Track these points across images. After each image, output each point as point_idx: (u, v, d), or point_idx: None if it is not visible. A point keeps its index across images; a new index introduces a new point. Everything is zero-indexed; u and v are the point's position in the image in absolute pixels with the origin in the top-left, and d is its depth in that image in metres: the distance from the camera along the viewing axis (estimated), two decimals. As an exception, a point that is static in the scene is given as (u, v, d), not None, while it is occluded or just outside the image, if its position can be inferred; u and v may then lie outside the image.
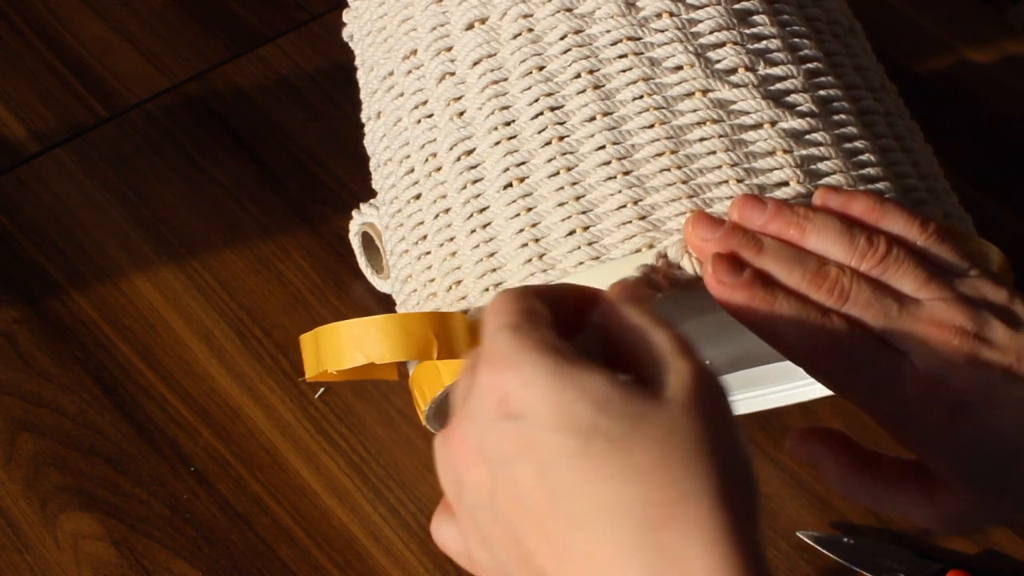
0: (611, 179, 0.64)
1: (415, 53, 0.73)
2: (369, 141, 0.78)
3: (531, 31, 0.68)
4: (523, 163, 0.67)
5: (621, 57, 0.66)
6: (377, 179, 0.77)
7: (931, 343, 0.58)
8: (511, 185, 0.66)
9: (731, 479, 0.49)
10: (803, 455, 0.65)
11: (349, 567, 0.83)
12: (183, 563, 0.83)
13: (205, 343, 0.93)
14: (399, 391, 0.91)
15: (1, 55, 1.10)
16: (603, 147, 0.65)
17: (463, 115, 0.69)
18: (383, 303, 0.95)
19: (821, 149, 0.65)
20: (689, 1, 0.67)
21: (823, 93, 0.67)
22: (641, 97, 0.65)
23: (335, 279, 0.97)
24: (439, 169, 0.70)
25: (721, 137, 0.64)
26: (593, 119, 0.66)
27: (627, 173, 0.64)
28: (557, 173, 0.65)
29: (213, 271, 0.97)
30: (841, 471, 0.64)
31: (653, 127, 0.65)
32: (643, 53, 0.66)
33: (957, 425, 0.57)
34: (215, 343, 0.93)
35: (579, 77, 0.66)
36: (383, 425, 0.89)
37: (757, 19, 0.68)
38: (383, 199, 0.76)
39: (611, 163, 0.65)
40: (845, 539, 0.84)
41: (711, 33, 0.67)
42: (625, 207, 0.64)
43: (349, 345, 0.61)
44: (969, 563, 0.84)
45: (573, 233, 0.64)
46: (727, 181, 0.63)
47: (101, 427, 0.89)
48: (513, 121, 0.67)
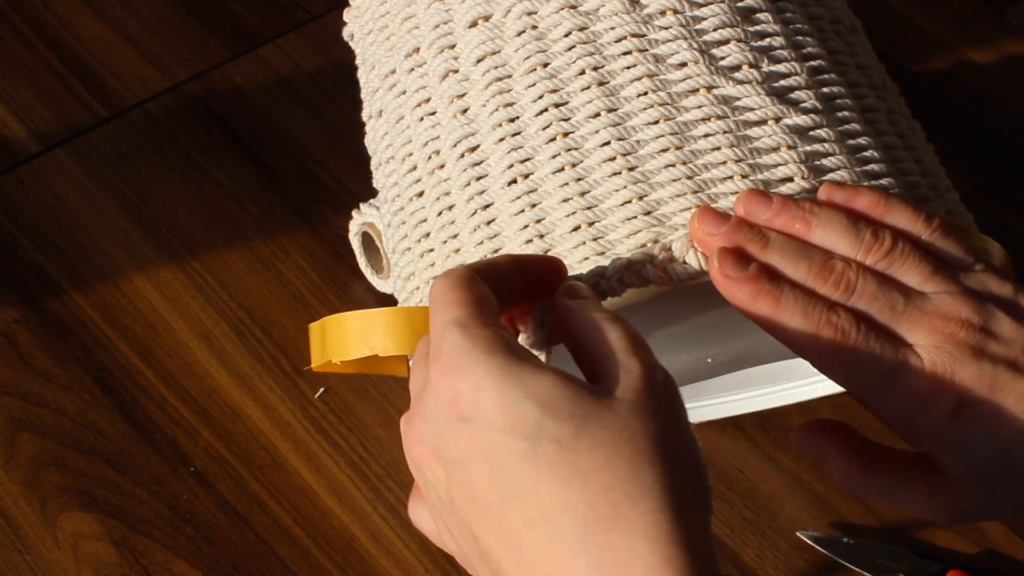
0: (616, 175, 0.64)
1: (418, 51, 0.73)
2: (370, 140, 0.78)
3: (535, 28, 0.68)
4: (527, 159, 0.67)
5: (625, 54, 0.66)
6: (378, 177, 0.77)
7: (937, 336, 0.58)
8: (515, 181, 0.66)
9: (677, 479, 0.50)
10: (807, 448, 0.65)
11: (349, 567, 0.83)
12: (183, 563, 0.83)
13: (205, 343, 0.93)
14: (399, 391, 0.91)
15: (1, 55, 1.11)
16: (608, 143, 0.65)
17: (466, 112, 0.69)
18: (383, 303, 0.95)
19: (825, 145, 0.65)
20: (693, -1, 0.67)
21: (826, 90, 0.67)
22: (646, 93, 0.65)
23: (335, 279, 0.97)
24: (442, 166, 0.70)
25: (726, 133, 0.64)
26: (597, 115, 0.66)
27: (632, 169, 0.64)
28: (562, 169, 0.65)
29: (213, 271, 0.97)
30: (845, 464, 0.64)
31: (658, 123, 0.65)
32: (647, 50, 0.66)
33: (963, 418, 0.57)
34: (215, 343, 0.93)
35: (583, 74, 0.66)
36: (383, 425, 0.89)
37: (760, 17, 0.68)
38: (385, 197, 0.76)
39: (616, 159, 0.65)
40: (845, 539, 0.84)
41: (715, 30, 0.67)
42: (630, 202, 0.64)
43: (355, 337, 0.61)
44: (969, 563, 0.84)
45: (578, 229, 0.64)
46: (732, 177, 0.63)
47: (101, 427, 0.89)
48: (517, 118, 0.67)
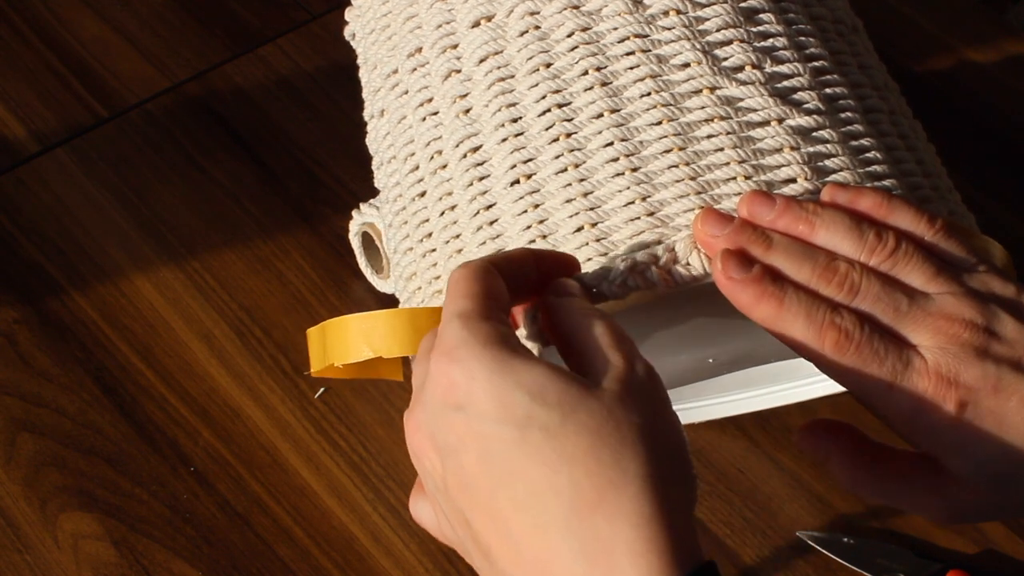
0: (619, 175, 0.64)
1: (420, 51, 0.73)
2: (372, 139, 0.78)
3: (538, 28, 0.68)
4: (530, 160, 0.67)
5: (628, 54, 0.66)
6: (380, 177, 0.77)
7: (941, 336, 0.58)
8: (518, 182, 0.66)
9: (660, 466, 0.52)
10: (810, 449, 0.65)
11: (349, 567, 0.83)
12: (183, 563, 0.83)
13: (205, 343, 0.93)
14: (399, 391, 0.91)
15: (1, 55, 1.10)
16: (611, 144, 0.65)
17: (469, 112, 0.69)
18: (383, 303, 0.95)
19: (828, 146, 0.65)
20: (696, -1, 0.68)
21: (829, 91, 0.67)
22: (649, 94, 0.65)
23: (335, 279, 0.97)
24: (445, 167, 0.70)
25: (729, 134, 0.64)
26: (600, 116, 0.66)
27: (635, 170, 0.64)
28: (565, 170, 0.65)
29: (213, 271, 0.97)
30: (848, 464, 0.64)
31: (661, 124, 0.65)
32: (650, 50, 0.66)
33: (966, 419, 0.57)
34: (215, 343, 0.93)
35: (586, 74, 0.67)
36: (383, 425, 0.89)
37: (763, 17, 0.68)
38: (386, 197, 0.76)
39: (619, 159, 0.65)
40: (845, 539, 0.84)
41: (718, 31, 0.67)
42: (633, 203, 0.64)
43: (356, 338, 0.61)
44: (969, 563, 0.84)
45: (581, 230, 0.64)
46: (735, 178, 0.63)
47: (101, 427, 0.89)
48: (520, 118, 0.67)
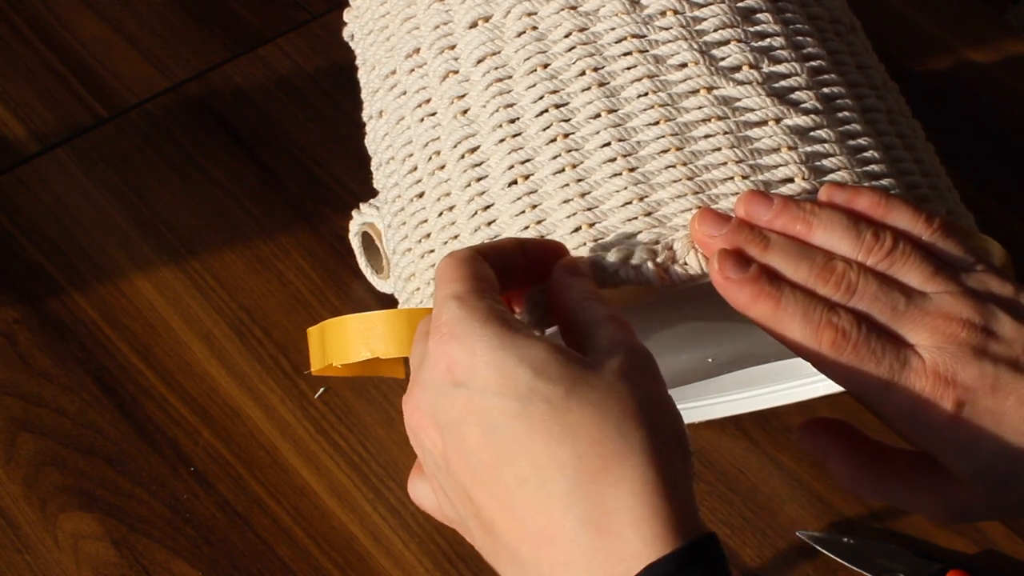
0: (616, 176, 0.64)
1: (418, 51, 0.73)
2: (370, 140, 0.78)
3: (535, 29, 0.68)
4: (528, 160, 0.67)
5: (626, 55, 0.66)
6: (379, 178, 0.77)
7: (939, 336, 0.58)
8: (516, 182, 0.66)
9: (662, 440, 0.52)
10: (809, 447, 0.65)
11: (349, 567, 0.83)
12: (183, 563, 0.83)
13: (205, 343, 0.93)
14: (399, 391, 0.91)
15: (1, 55, 1.10)
16: (608, 144, 0.65)
17: (467, 113, 0.69)
18: (383, 303, 0.95)
19: (825, 146, 0.65)
20: (693, -1, 0.67)
21: (827, 91, 0.67)
22: (646, 94, 0.65)
23: (335, 279, 0.97)
24: (443, 167, 0.70)
25: (726, 134, 0.64)
26: (598, 116, 0.66)
27: (632, 170, 0.64)
28: (562, 170, 0.65)
29: (213, 271, 0.97)
30: (847, 464, 0.64)
31: (658, 124, 0.65)
32: (648, 51, 0.66)
33: (964, 418, 0.57)
34: (215, 343, 0.93)
35: (584, 75, 0.67)
36: (383, 425, 0.89)
37: (761, 17, 0.68)
38: (385, 198, 0.76)
39: (616, 160, 0.65)
40: (845, 539, 0.84)
41: (715, 31, 0.67)
42: (631, 203, 0.64)
43: (355, 339, 0.62)
44: (969, 563, 0.84)
45: (579, 230, 0.64)
46: (732, 177, 0.63)
47: (101, 427, 0.89)
48: (517, 119, 0.67)
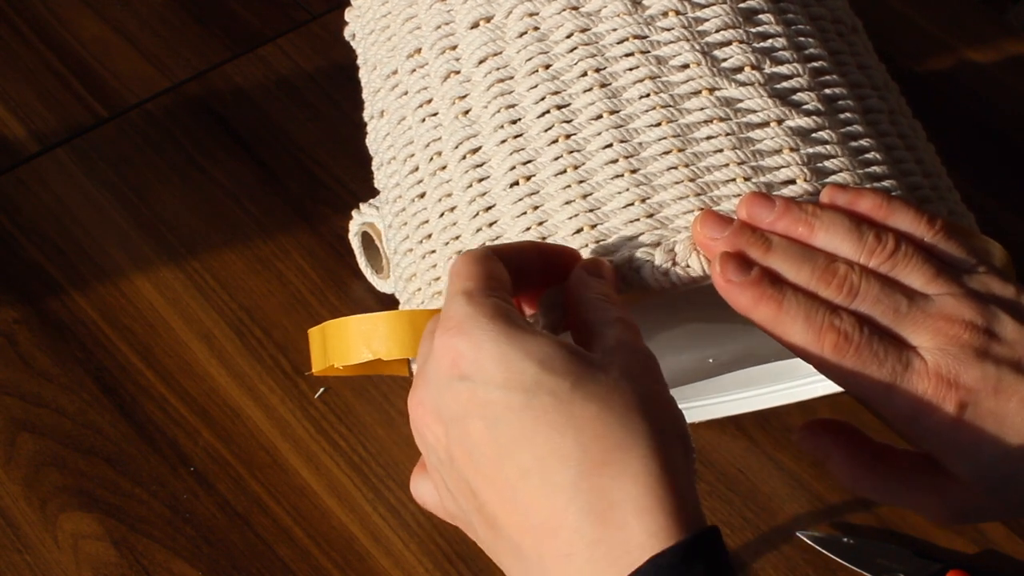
0: (618, 177, 0.64)
1: (419, 51, 0.72)
2: (371, 140, 0.78)
3: (537, 29, 0.68)
4: (529, 161, 0.67)
5: (628, 55, 0.66)
6: (380, 178, 0.77)
7: (941, 338, 0.58)
8: (517, 183, 0.66)
9: (665, 434, 0.52)
10: (810, 448, 0.65)
11: (349, 567, 0.83)
12: (183, 563, 0.83)
13: (205, 343, 0.93)
14: (399, 391, 0.91)
15: (1, 55, 1.10)
16: (610, 145, 0.65)
17: (468, 113, 0.69)
18: (383, 303, 0.95)
19: (827, 147, 0.65)
20: (695, 0, 0.67)
21: (828, 91, 0.67)
22: (648, 95, 0.65)
23: (335, 279, 0.97)
24: (444, 168, 0.70)
25: (728, 135, 0.64)
26: (600, 117, 0.66)
27: (634, 171, 0.64)
28: (564, 171, 0.65)
29: (213, 271, 0.97)
30: (848, 463, 0.64)
31: (660, 125, 0.65)
32: (649, 51, 0.66)
33: (967, 420, 0.57)
34: (215, 343, 0.93)
35: (585, 75, 0.66)
36: (383, 425, 0.89)
37: (763, 18, 0.68)
38: (386, 198, 0.76)
39: (618, 161, 0.65)
40: (845, 539, 0.84)
41: (717, 32, 0.67)
42: (632, 205, 0.64)
43: (356, 340, 0.62)
44: (969, 563, 0.84)
45: (581, 231, 0.64)
46: (734, 179, 0.63)
47: (101, 427, 0.89)
48: (519, 119, 0.67)
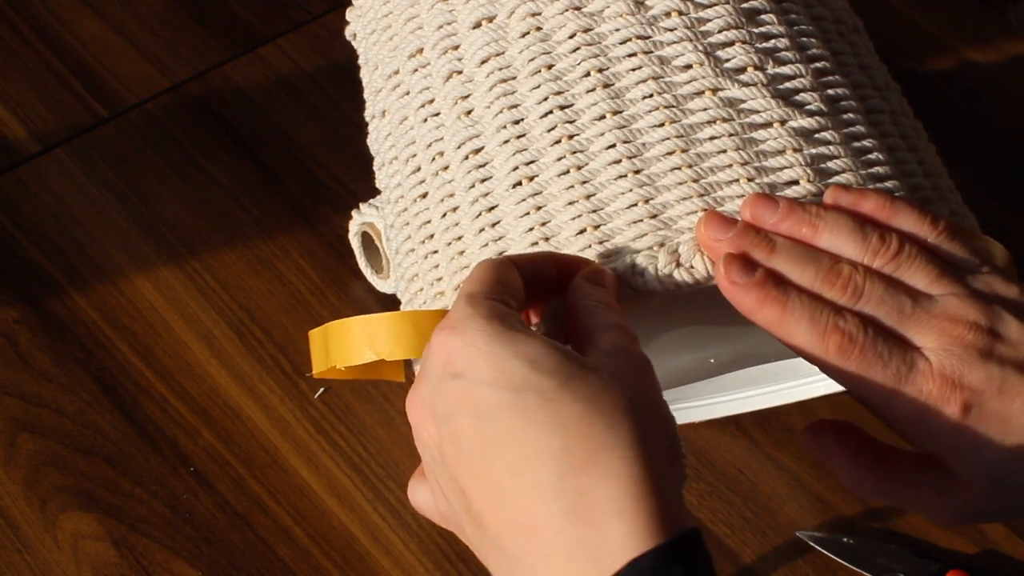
0: (621, 178, 0.64)
1: (421, 51, 0.72)
2: (373, 140, 0.78)
3: (539, 29, 0.68)
4: (532, 161, 0.66)
5: (630, 56, 0.66)
6: (381, 178, 0.77)
7: (945, 338, 0.58)
8: (520, 184, 0.66)
9: (652, 438, 0.53)
10: (814, 450, 0.65)
11: (349, 567, 0.83)
12: (183, 563, 0.83)
13: (205, 343, 0.93)
14: (399, 391, 0.91)
15: (1, 55, 1.10)
16: (613, 146, 0.65)
17: (471, 114, 0.69)
18: (383, 303, 0.95)
19: (830, 148, 0.65)
20: (698, 0, 0.67)
21: (831, 92, 0.67)
22: (651, 96, 0.65)
23: (335, 279, 0.97)
24: (446, 168, 0.70)
25: (731, 136, 0.64)
26: (603, 118, 0.66)
27: (637, 172, 0.64)
28: (567, 172, 0.65)
29: (213, 271, 0.97)
30: (851, 464, 0.64)
31: (663, 126, 0.65)
32: (652, 52, 0.66)
33: (971, 420, 0.57)
34: (215, 343, 0.93)
35: (588, 76, 0.66)
36: (383, 425, 0.89)
37: (765, 18, 0.68)
38: (387, 198, 0.76)
39: (621, 162, 0.65)
40: (845, 539, 0.84)
41: (720, 32, 0.66)
42: (636, 205, 0.64)
43: (359, 341, 0.61)
44: (969, 563, 0.84)
45: (584, 232, 0.64)
46: (738, 180, 0.63)
47: (101, 427, 0.89)
48: (522, 120, 0.67)
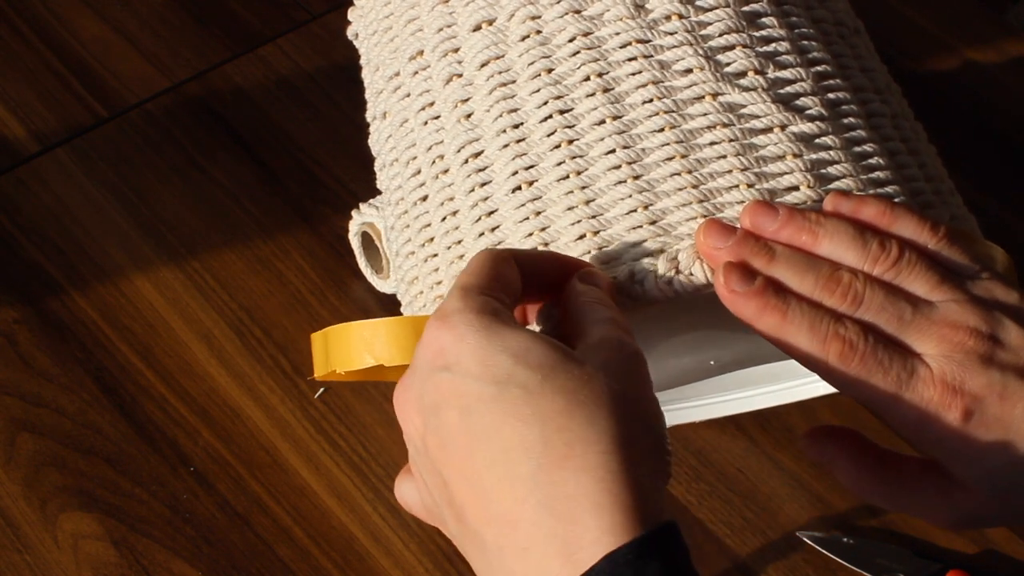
0: (621, 183, 0.64)
1: (421, 54, 0.72)
2: (374, 141, 0.78)
3: (539, 33, 0.68)
4: (532, 166, 0.66)
5: (631, 60, 0.66)
6: (382, 179, 0.77)
7: (946, 344, 0.58)
8: (520, 188, 0.66)
9: (633, 434, 0.53)
10: (816, 455, 0.65)
11: (349, 567, 0.83)
12: (183, 563, 0.83)
13: (205, 343, 0.93)
14: (399, 391, 0.91)
15: (1, 55, 1.10)
16: (613, 151, 0.65)
17: (471, 117, 0.69)
18: (383, 303, 0.95)
19: (831, 153, 0.65)
20: (698, 3, 0.67)
21: (832, 96, 0.67)
22: (651, 100, 0.65)
23: (335, 279, 0.97)
24: (446, 171, 0.69)
25: (731, 141, 0.64)
26: (603, 122, 0.65)
27: (637, 177, 0.64)
28: (567, 176, 0.65)
29: (213, 271, 0.97)
30: (854, 470, 0.64)
31: (663, 131, 0.65)
32: (652, 56, 0.66)
33: (973, 426, 0.57)
34: (215, 343, 0.93)
35: (588, 80, 0.66)
36: (383, 425, 0.90)
37: (766, 21, 0.67)
38: (388, 200, 0.75)
39: (621, 167, 0.64)
40: (845, 539, 0.84)
41: (720, 36, 0.66)
42: (635, 211, 0.63)
43: (358, 346, 0.61)
44: (969, 563, 0.84)
45: (583, 237, 0.64)
46: (737, 185, 0.63)
47: (101, 427, 0.89)
48: (522, 124, 0.67)
